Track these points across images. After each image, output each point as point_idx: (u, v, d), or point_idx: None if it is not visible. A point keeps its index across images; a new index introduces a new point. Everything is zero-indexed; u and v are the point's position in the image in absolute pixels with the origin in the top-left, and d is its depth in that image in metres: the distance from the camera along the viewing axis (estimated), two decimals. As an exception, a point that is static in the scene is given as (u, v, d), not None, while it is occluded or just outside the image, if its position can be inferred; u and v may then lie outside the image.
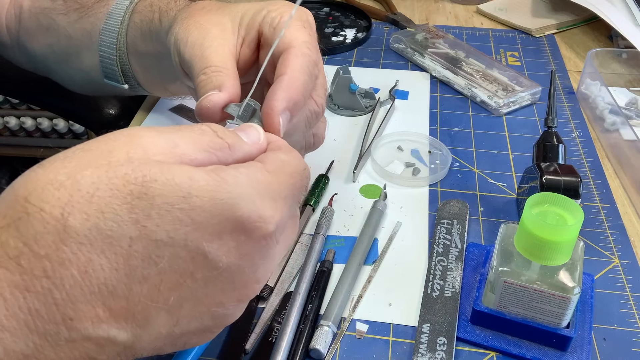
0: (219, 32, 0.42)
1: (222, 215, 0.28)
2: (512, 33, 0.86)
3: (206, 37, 0.42)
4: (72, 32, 0.55)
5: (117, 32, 0.52)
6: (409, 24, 0.87)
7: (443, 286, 0.46)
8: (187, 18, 0.44)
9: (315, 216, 0.54)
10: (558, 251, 0.38)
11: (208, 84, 0.39)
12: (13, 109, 1.69)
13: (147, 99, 0.70)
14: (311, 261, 0.48)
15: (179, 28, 0.43)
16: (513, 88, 0.70)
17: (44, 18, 0.56)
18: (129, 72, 0.54)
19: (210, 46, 0.41)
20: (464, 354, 0.43)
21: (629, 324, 0.45)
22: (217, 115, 0.38)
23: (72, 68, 0.57)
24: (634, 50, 0.75)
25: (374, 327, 0.44)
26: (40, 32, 0.57)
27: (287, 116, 0.38)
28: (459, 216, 0.53)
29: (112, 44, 0.52)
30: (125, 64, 0.53)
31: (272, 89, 0.38)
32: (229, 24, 0.43)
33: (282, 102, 0.37)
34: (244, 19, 0.44)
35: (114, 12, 0.52)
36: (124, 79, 0.55)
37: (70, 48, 0.56)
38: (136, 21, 0.51)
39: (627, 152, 0.59)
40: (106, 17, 0.52)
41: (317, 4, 0.94)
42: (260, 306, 0.46)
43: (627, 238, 0.52)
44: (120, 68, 0.53)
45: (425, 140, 0.64)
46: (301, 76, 0.39)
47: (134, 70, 0.54)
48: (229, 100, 0.39)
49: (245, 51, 0.44)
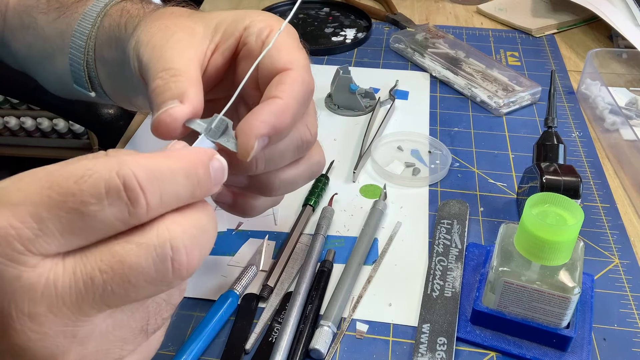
0: (186, 36, 0.37)
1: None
2: (512, 33, 0.86)
3: (170, 39, 0.36)
4: (48, 32, 0.52)
5: (87, 35, 0.47)
6: (409, 24, 0.87)
7: (443, 286, 0.46)
8: (152, 21, 0.39)
9: (315, 216, 0.54)
10: (558, 251, 0.38)
11: (166, 91, 0.34)
12: (13, 109, 1.69)
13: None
14: (311, 261, 0.48)
15: (141, 31, 0.39)
16: (513, 88, 0.70)
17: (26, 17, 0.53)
18: (95, 79, 0.49)
19: (173, 48, 0.36)
20: (464, 354, 0.43)
21: (629, 324, 0.45)
22: (177, 132, 0.33)
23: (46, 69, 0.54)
24: (634, 50, 0.75)
25: (374, 327, 0.44)
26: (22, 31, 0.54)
27: (263, 142, 0.33)
28: (459, 216, 0.53)
29: (81, 47, 0.48)
30: (92, 70, 0.49)
31: (259, 108, 0.33)
32: (201, 29, 0.39)
33: (265, 125, 0.32)
34: (220, 25, 0.39)
35: (88, 14, 0.48)
36: (92, 85, 0.50)
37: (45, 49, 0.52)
38: (105, 25, 0.47)
39: (627, 152, 0.59)
40: (80, 19, 0.48)
41: (317, 4, 0.94)
42: (260, 306, 0.46)
43: (627, 238, 0.52)
44: (87, 74, 0.49)
45: (425, 140, 0.64)
46: (296, 105, 0.35)
47: (100, 77, 0.49)
48: (192, 115, 0.33)
49: (217, 59, 0.39)
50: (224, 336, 0.44)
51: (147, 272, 0.24)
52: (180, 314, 0.45)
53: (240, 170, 0.36)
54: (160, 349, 0.42)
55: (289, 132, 0.36)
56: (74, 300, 0.24)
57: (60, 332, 0.24)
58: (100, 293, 0.24)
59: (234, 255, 0.50)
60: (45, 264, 0.24)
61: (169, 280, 0.25)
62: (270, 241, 0.51)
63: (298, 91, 0.35)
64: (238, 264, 0.49)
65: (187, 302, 0.46)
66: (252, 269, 0.48)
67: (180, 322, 0.45)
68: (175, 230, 0.25)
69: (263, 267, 0.49)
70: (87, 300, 0.24)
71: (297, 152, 0.38)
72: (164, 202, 0.25)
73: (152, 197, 0.24)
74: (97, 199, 0.23)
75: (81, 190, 0.23)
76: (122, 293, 0.24)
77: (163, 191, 0.25)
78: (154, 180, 0.24)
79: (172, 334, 0.44)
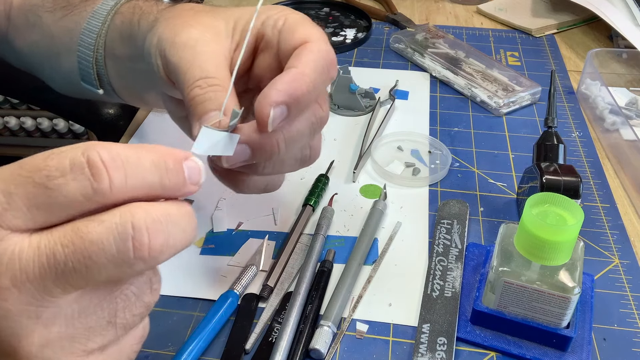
0: (213, 36, 0.38)
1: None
2: (512, 33, 0.86)
3: (199, 40, 0.37)
4: (55, 31, 0.52)
5: (97, 32, 0.48)
6: (409, 24, 0.87)
7: (443, 286, 0.46)
8: (172, 18, 0.40)
9: (315, 216, 0.54)
10: (558, 251, 0.38)
11: (206, 101, 0.35)
12: (13, 109, 1.69)
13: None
14: (311, 261, 0.48)
15: (163, 28, 0.39)
16: (513, 88, 0.70)
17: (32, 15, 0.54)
18: (104, 76, 0.50)
19: (204, 52, 0.37)
20: (464, 354, 0.43)
21: (629, 324, 0.45)
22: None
23: (52, 68, 0.55)
24: (634, 50, 0.75)
25: (374, 327, 0.44)
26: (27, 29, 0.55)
27: (281, 111, 0.33)
28: (459, 216, 0.53)
29: (91, 45, 0.49)
30: (102, 68, 0.50)
31: (275, 79, 0.34)
32: (223, 28, 0.39)
33: (280, 93, 0.33)
34: (239, 22, 0.40)
35: (97, 12, 0.49)
36: (100, 83, 0.51)
37: (52, 47, 0.53)
38: (117, 23, 0.48)
39: (627, 152, 0.59)
40: (89, 17, 0.49)
41: (317, 4, 0.94)
42: (260, 306, 0.46)
43: (627, 238, 0.52)
44: (96, 71, 0.50)
45: (425, 140, 0.64)
46: (312, 73, 0.35)
47: (110, 75, 0.50)
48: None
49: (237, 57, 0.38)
50: (224, 336, 0.44)
51: (108, 249, 0.24)
52: (180, 314, 0.45)
53: (265, 154, 0.36)
54: (160, 349, 0.42)
55: (308, 100, 0.35)
56: (37, 275, 0.24)
57: (24, 311, 0.24)
58: (62, 268, 0.24)
59: (234, 255, 0.50)
60: (11, 237, 0.24)
61: (131, 260, 0.25)
62: (270, 241, 0.51)
63: (314, 59, 0.35)
64: (238, 264, 0.49)
65: (187, 302, 0.46)
66: (252, 269, 0.48)
67: (180, 322, 0.45)
68: (139, 213, 0.25)
69: (263, 267, 0.49)
70: (49, 276, 0.24)
71: (312, 130, 0.38)
72: (130, 184, 0.25)
73: (116, 175, 0.25)
74: (61, 172, 0.24)
75: (47, 165, 0.24)
76: (83, 270, 0.24)
77: (128, 172, 0.25)
78: (118, 161, 0.25)
79: (172, 334, 0.44)
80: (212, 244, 0.51)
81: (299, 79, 0.34)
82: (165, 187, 0.27)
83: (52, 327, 0.25)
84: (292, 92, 0.33)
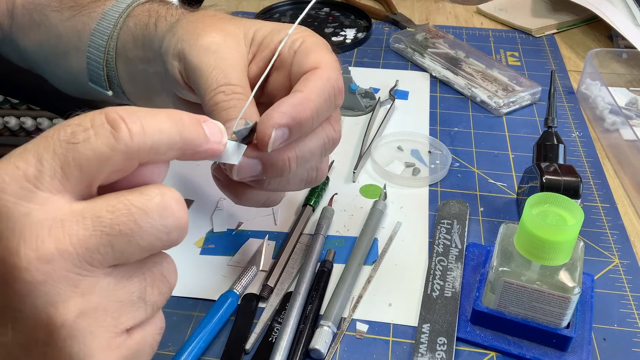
0: (234, 44, 0.39)
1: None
2: (512, 33, 0.86)
3: (221, 45, 0.38)
4: (62, 31, 0.52)
5: (108, 34, 0.49)
6: (409, 24, 0.87)
7: (443, 286, 0.46)
8: (194, 22, 0.40)
9: (315, 216, 0.54)
10: (558, 251, 0.38)
11: (231, 108, 0.35)
12: (13, 109, 1.69)
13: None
14: (311, 261, 0.48)
15: (184, 30, 0.40)
16: (513, 88, 0.70)
17: (37, 14, 0.54)
18: (114, 78, 0.51)
19: (227, 58, 0.37)
20: (464, 354, 0.43)
21: (629, 324, 0.45)
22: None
23: (59, 67, 0.55)
24: (634, 50, 0.75)
25: (374, 327, 0.44)
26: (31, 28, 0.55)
27: (283, 133, 0.34)
28: (459, 216, 0.53)
29: (101, 47, 0.49)
30: (112, 69, 0.50)
31: (280, 101, 0.34)
32: (242, 37, 0.40)
33: (283, 116, 0.33)
34: (258, 35, 0.40)
35: (108, 14, 0.49)
36: (109, 84, 0.51)
37: (59, 47, 0.53)
38: (130, 25, 0.48)
39: (627, 152, 0.59)
40: (100, 18, 0.49)
41: (317, 3, 0.94)
42: (260, 306, 0.46)
43: (627, 238, 0.52)
44: (106, 73, 0.50)
45: (425, 140, 0.64)
46: (317, 99, 0.35)
47: (120, 77, 0.50)
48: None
49: (252, 69, 0.40)
50: (224, 336, 0.44)
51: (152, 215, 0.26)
52: (180, 314, 0.45)
53: (276, 171, 0.36)
54: (160, 349, 0.42)
55: (311, 125, 0.36)
56: (81, 239, 0.24)
57: (64, 277, 0.24)
58: (107, 232, 0.25)
59: (234, 255, 0.50)
60: (53, 202, 0.25)
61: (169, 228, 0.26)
62: (270, 241, 0.51)
63: (321, 86, 0.36)
64: (238, 264, 0.49)
65: (187, 302, 0.46)
66: (252, 269, 0.48)
67: (180, 322, 0.45)
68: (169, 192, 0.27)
69: (263, 267, 0.49)
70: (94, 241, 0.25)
71: (324, 151, 0.39)
72: (148, 132, 0.26)
73: (133, 125, 0.26)
74: (84, 128, 0.25)
75: (70, 125, 0.26)
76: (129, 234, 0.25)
77: (144, 122, 0.26)
78: (134, 115, 0.26)
79: (172, 334, 0.44)
80: (212, 244, 0.51)
81: (303, 103, 0.35)
82: (185, 140, 0.27)
83: (89, 296, 0.25)
84: (295, 115, 0.34)
